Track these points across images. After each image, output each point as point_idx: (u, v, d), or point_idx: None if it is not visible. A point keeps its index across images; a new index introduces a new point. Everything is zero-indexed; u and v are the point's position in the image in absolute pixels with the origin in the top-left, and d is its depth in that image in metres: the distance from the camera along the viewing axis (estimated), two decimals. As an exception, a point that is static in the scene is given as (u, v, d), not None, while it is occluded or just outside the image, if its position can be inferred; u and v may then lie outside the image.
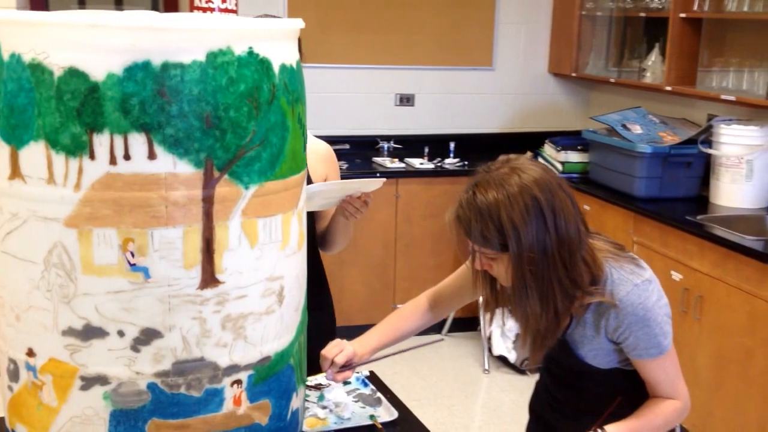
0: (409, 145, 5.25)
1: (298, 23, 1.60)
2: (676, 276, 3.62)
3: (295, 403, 1.71)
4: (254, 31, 1.47)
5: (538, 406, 2.04)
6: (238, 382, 1.55)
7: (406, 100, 5.33)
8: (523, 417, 2.10)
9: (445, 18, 5.27)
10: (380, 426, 1.92)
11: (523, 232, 1.58)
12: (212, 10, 3.79)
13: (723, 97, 3.95)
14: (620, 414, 1.73)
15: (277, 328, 1.60)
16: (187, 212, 1.43)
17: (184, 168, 1.41)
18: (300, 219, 1.66)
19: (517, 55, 5.49)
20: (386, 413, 1.99)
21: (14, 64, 1.40)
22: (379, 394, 2.09)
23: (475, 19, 5.34)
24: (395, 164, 4.93)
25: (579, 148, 4.70)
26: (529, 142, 5.36)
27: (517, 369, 4.61)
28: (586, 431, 1.68)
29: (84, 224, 1.41)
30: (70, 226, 1.41)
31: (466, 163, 5.05)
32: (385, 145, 5.25)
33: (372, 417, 1.96)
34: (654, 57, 4.62)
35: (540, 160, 4.52)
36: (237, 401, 1.55)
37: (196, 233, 1.45)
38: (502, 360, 4.67)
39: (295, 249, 1.63)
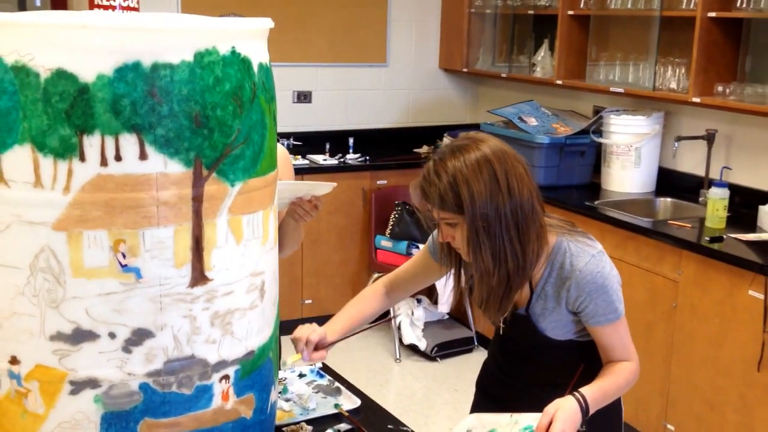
0: (308, 142, 5.29)
1: (269, 23, 1.63)
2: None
3: (273, 396, 1.75)
4: (235, 31, 1.49)
5: (487, 383, 2.16)
6: (226, 377, 1.57)
7: (303, 97, 5.36)
8: (437, 402, 2.21)
9: (339, 15, 5.33)
10: (346, 414, 1.97)
11: (476, 190, 1.73)
12: (113, 8, 3.70)
13: (612, 89, 4.21)
14: (579, 383, 1.85)
15: (260, 322, 1.63)
16: (177, 211, 1.44)
17: (175, 167, 1.42)
18: (275, 215, 1.69)
19: (409, 52, 5.63)
20: (349, 401, 2.05)
21: (-6, 67, 1.37)
22: (337, 384, 2.14)
23: (369, 17, 5.44)
24: (298, 161, 4.96)
25: (477, 140, 4.88)
26: (426, 135, 5.52)
27: (428, 356, 4.74)
28: (556, 397, 1.79)
29: (74, 227, 1.39)
30: (59, 230, 1.39)
31: (367, 158, 5.14)
32: (285, 142, 5.26)
33: (337, 405, 2.01)
34: (543, 53, 4.86)
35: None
36: (225, 396, 1.57)
37: (186, 232, 1.46)
38: (413, 348, 4.80)
39: (273, 244, 1.67)
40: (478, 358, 4.48)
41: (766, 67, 3.68)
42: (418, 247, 4.66)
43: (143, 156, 1.40)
